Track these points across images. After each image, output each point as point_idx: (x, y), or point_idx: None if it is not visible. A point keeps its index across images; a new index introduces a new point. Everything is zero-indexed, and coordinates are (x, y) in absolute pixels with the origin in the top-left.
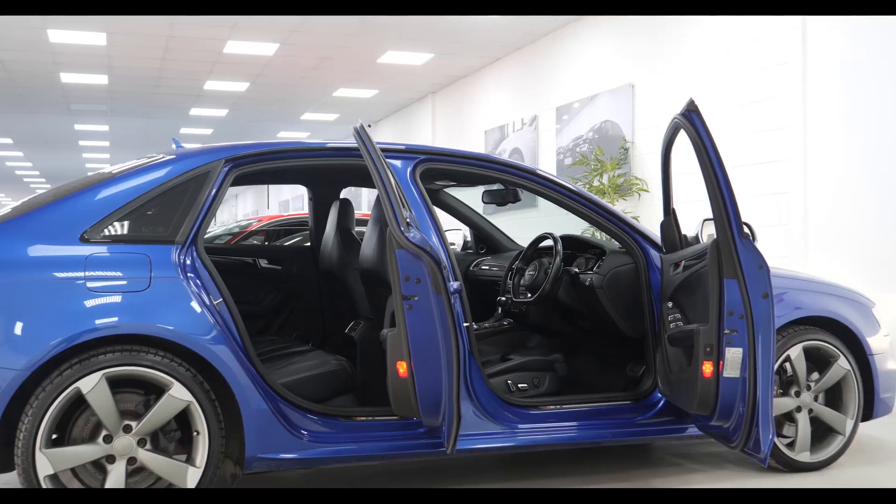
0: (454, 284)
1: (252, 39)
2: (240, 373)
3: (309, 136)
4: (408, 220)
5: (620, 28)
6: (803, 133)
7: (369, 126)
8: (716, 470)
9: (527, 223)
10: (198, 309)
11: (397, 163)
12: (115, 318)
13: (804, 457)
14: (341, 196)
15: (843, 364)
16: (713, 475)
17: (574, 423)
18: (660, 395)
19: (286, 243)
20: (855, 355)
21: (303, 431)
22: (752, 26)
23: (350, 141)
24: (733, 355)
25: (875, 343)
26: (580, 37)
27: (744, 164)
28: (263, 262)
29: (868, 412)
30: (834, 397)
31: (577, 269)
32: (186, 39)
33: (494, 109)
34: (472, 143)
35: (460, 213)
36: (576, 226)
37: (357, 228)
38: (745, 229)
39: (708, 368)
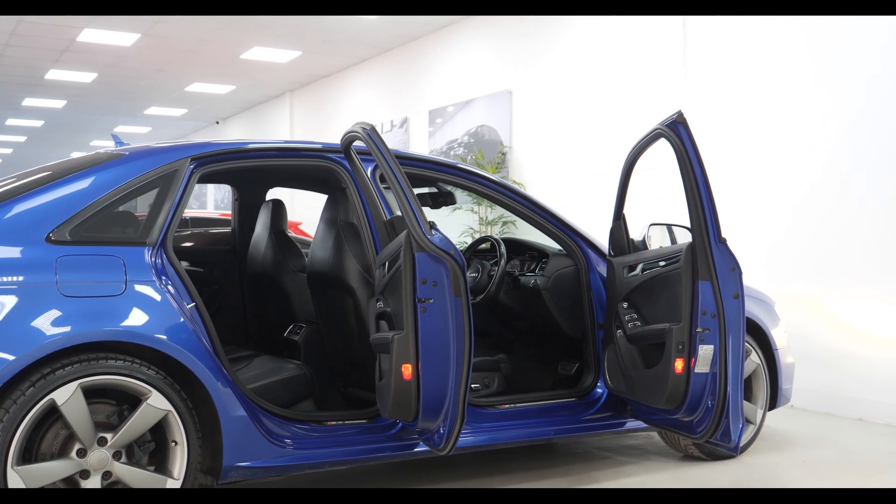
0: None
1: (111, 28)
2: (219, 380)
3: (150, 130)
4: (430, 223)
5: (496, 33)
6: None
7: (217, 123)
8: (643, 461)
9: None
10: (175, 314)
11: None
12: (92, 325)
13: None
14: (270, 197)
15: (754, 358)
16: (643, 466)
17: (527, 421)
18: (600, 391)
19: None
20: (762, 350)
21: (282, 439)
22: (632, 31)
23: (312, 141)
24: (705, 352)
25: (778, 338)
26: (453, 41)
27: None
28: (185, 265)
29: (773, 402)
30: (746, 390)
31: (517, 272)
32: (38, 25)
33: (360, 110)
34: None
35: None
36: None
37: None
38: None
39: (679, 365)
